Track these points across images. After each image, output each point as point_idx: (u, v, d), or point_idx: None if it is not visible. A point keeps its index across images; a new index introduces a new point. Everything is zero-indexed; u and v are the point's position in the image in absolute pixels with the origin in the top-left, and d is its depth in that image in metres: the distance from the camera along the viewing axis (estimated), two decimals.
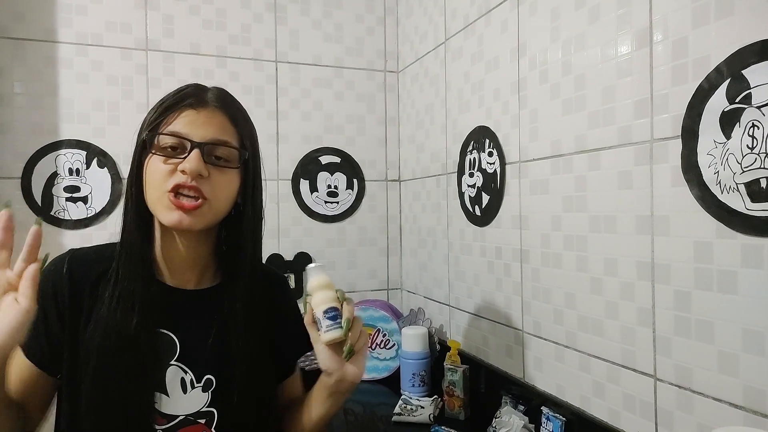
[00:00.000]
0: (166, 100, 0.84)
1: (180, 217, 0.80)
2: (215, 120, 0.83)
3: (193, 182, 0.79)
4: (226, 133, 0.85)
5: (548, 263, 1.26)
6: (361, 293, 2.06)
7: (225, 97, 0.88)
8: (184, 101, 0.82)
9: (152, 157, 0.81)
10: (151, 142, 0.81)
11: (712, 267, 0.88)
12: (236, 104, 0.90)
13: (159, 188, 0.80)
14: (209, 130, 0.82)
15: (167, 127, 0.81)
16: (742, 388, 0.84)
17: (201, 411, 0.85)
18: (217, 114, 0.84)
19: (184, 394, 0.84)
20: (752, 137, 0.81)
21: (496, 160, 1.45)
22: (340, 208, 2.04)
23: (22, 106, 1.66)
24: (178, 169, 0.80)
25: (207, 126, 0.82)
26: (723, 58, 0.85)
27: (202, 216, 0.82)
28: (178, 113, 0.82)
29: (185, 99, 0.83)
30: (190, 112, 0.82)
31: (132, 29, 1.78)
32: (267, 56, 1.95)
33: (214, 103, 0.85)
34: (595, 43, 1.12)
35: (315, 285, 0.84)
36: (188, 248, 0.88)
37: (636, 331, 1.03)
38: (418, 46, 1.95)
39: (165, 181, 0.80)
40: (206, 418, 0.85)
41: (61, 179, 1.69)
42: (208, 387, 0.86)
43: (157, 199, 0.81)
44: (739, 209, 0.83)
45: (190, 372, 0.85)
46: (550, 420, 1.20)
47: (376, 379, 1.81)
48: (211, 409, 0.86)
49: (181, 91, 0.85)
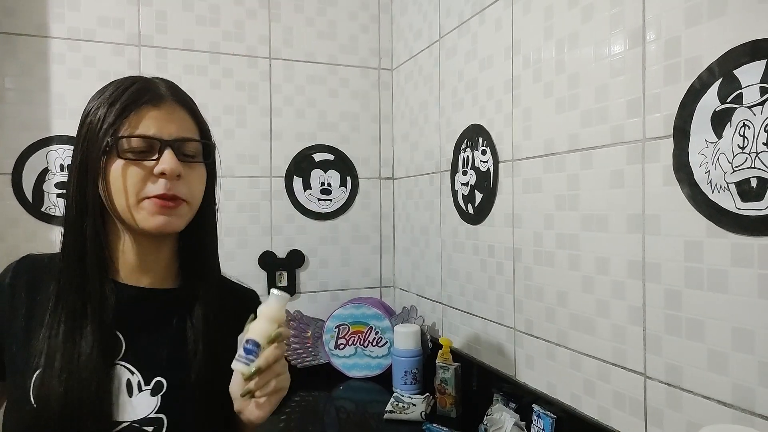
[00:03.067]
0: (118, 98, 0.77)
1: (165, 221, 0.77)
2: (176, 115, 0.80)
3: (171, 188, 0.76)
4: (189, 128, 0.81)
5: (540, 262, 1.26)
6: (354, 291, 2.06)
7: (177, 90, 0.84)
8: (142, 99, 0.77)
9: (117, 161, 0.76)
10: (118, 147, 0.75)
11: (703, 266, 0.89)
12: (188, 96, 0.85)
13: (134, 194, 0.76)
14: (174, 127, 0.78)
15: (133, 130, 0.76)
16: (731, 386, 0.85)
17: (148, 417, 0.77)
18: (177, 108, 0.80)
19: (130, 398, 0.77)
20: (743, 137, 0.82)
21: (489, 159, 1.45)
22: (333, 206, 2.04)
23: (13, 101, 1.64)
24: (154, 171, 0.76)
25: (170, 123, 0.78)
26: (715, 58, 0.86)
27: (184, 216, 0.80)
28: (139, 113, 0.77)
29: (142, 96, 0.78)
30: (151, 109, 0.77)
31: (124, 24, 1.76)
32: (261, 53, 1.94)
33: (171, 98, 0.80)
34: (588, 42, 1.12)
35: (261, 312, 0.77)
36: (150, 248, 0.83)
37: (627, 329, 1.03)
38: (412, 44, 1.95)
39: (141, 186, 0.76)
40: (154, 425, 0.77)
41: (52, 175, 1.67)
42: (157, 390, 0.78)
43: (133, 205, 0.76)
44: (730, 208, 0.84)
45: (138, 373, 0.78)
46: (540, 417, 1.21)
47: (368, 376, 1.82)
48: (160, 416, 0.77)
49: (130, 86, 0.79)
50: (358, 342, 1.83)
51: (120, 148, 0.75)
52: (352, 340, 1.83)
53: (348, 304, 1.88)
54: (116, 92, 0.78)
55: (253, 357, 0.74)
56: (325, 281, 2.02)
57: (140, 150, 0.76)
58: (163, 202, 0.76)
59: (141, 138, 0.76)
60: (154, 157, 0.76)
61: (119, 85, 0.80)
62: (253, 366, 0.73)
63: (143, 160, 0.76)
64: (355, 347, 1.83)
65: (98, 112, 0.78)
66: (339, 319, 1.85)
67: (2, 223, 1.63)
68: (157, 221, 0.77)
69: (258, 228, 1.92)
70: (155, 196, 0.76)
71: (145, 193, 0.76)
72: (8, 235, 1.63)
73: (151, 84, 0.81)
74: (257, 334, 0.75)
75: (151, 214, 0.76)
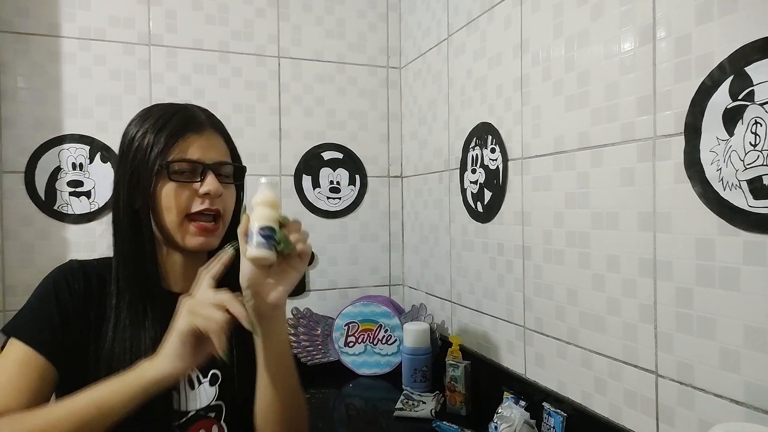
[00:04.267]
0: (165, 125, 0.87)
1: (204, 241, 0.88)
2: (214, 141, 0.90)
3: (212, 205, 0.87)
4: (224, 153, 0.92)
5: (550, 260, 1.26)
6: (363, 289, 2.07)
7: (214, 118, 0.94)
8: (187, 127, 0.88)
9: (167, 182, 0.86)
10: (169, 169, 0.85)
11: (714, 264, 0.88)
12: (222, 123, 0.95)
13: (180, 212, 0.86)
14: (213, 152, 0.89)
15: (182, 155, 0.86)
16: (744, 385, 0.84)
17: (210, 405, 0.89)
18: (215, 135, 0.91)
19: (193, 390, 0.88)
20: (755, 134, 0.81)
21: (498, 157, 1.45)
22: (342, 204, 2.04)
23: (25, 100, 1.66)
24: (200, 192, 0.86)
25: (211, 148, 0.89)
26: (726, 55, 0.85)
27: (219, 236, 0.91)
28: (185, 139, 0.87)
29: (187, 125, 0.88)
30: (195, 136, 0.88)
31: (135, 24, 1.78)
32: (269, 52, 1.95)
33: (210, 126, 0.91)
34: (598, 39, 1.12)
35: (260, 200, 0.78)
36: (190, 260, 0.93)
37: (638, 327, 1.03)
38: (420, 42, 1.95)
39: (187, 204, 0.86)
40: (215, 411, 0.89)
41: (65, 174, 1.69)
42: (214, 381, 0.90)
43: (179, 224, 0.87)
44: (742, 206, 0.83)
45: (196, 369, 0.87)
46: (551, 416, 1.21)
47: (378, 374, 1.82)
48: (219, 403, 0.90)
49: (174, 114, 0.89)
50: (368, 340, 1.84)
51: (170, 171, 0.85)
52: (362, 337, 1.84)
53: (357, 302, 1.88)
54: (162, 119, 0.88)
55: (272, 242, 0.76)
56: (335, 279, 2.03)
57: (186, 172, 0.86)
58: (204, 226, 0.87)
59: (188, 162, 0.86)
60: (198, 179, 0.87)
61: (163, 112, 0.90)
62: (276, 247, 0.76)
63: (189, 182, 0.86)
64: (364, 345, 1.84)
65: (146, 137, 0.86)
66: (348, 317, 1.85)
67: (15, 221, 1.65)
68: (198, 241, 0.88)
69: None
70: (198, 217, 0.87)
71: (190, 210, 0.87)
72: (21, 233, 1.65)
73: (193, 112, 0.91)
74: (267, 221, 0.77)
75: (194, 235, 0.87)
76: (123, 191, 0.87)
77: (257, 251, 0.76)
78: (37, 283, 0.88)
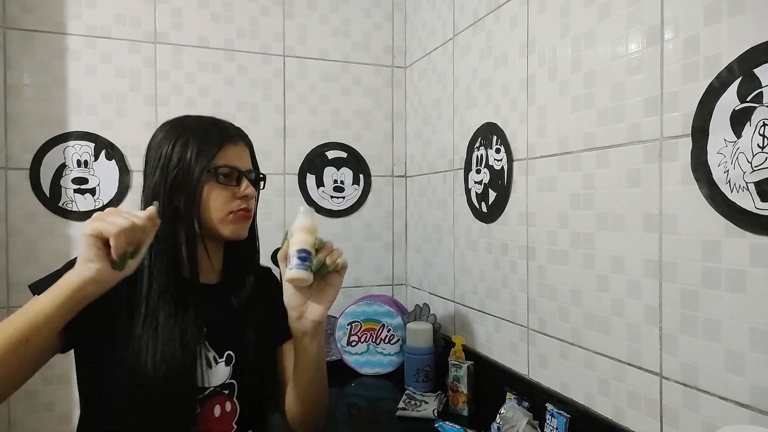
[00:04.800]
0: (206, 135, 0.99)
1: (242, 228, 1.02)
2: (245, 152, 1.04)
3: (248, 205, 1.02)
4: (250, 162, 1.06)
5: (555, 260, 1.26)
6: (366, 288, 2.07)
7: (242, 131, 1.07)
8: (227, 138, 1.00)
9: (213, 184, 0.98)
10: (217, 174, 0.98)
11: (720, 266, 0.88)
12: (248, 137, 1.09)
13: (223, 209, 0.99)
14: (244, 161, 1.03)
15: (223, 161, 0.98)
16: (749, 387, 0.84)
17: (225, 383, 0.99)
18: (244, 147, 1.04)
19: (211, 369, 0.98)
20: (763, 136, 0.81)
21: (503, 157, 1.45)
22: (346, 203, 2.04)
23: (31, 97, 1.66)
24: (237, 194, 1.00)
25: (243, 157, 1.03)
26: (734, 57, 0.85)
27: (248, 226, 1.04)
28: (226, 149, 0.99)
29: (226, 136, 1.01)
30: (232, 146, 1.01)
31: (141, 22, 1.78)
32: (275, 50, 1.95)
33: (241, 139, 1.04)
34: (604, 40, 1.12)
35: (298, 227, 0.90)
36: (215, 253, 1.06)
37: (642, 328, 1.03)
38: (426, 42, 1.95)
39: (228, 203, 0.99)
40: (229, 389, 0.99)
41: (70, 171, 1.69)
42: (229, 362, 1.00)
43: (222, 218, 0.99)
44: (749, 208, 0.83)
45: (213, 350, 0.99)
46: (554, 416, 1.21)
47: (381, 374, 1.82)
48: (232, 381, 1.00)
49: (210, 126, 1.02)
50: (371, 339, 1.84)
51: (218, 174, 0.98)
52: (365, 337, 1.84)
53: (360, 302, 1.88)
54: (201, 131, 0.99)
55: (308, 263, 0.88)
56: None
57: (227, 176, 0.99)
58: (245, 213, 1.01)
59: (231, 168, 0.99)
60: (234, 183, 1.00)
61: (198, 124, 1.02)
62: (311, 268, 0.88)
63: (229, 185, 0.99)
64: (367, 344, 1.84)
65: (189, 146, 0.97)
66: (351, 316, 1.85)
67: (20, 218, 1.65)
68: (236, 228, 1.01)
69: (271, 224, 1.93)
70: (240, 210, 1.00)
71: (230, 208, 0.99)
72: (26, 229, 1.66)
73: (225, 126, 1.04)
74: (302, 244, 0.88)
75: (235, 223, 1.00)
76: (163, 193, 0.96)
77: (294, 273, 0.87)
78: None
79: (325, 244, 0.91)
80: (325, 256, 0.90)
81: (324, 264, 0.90)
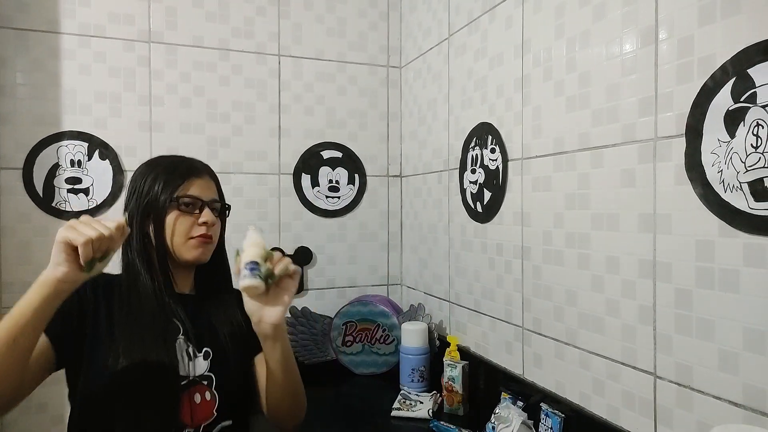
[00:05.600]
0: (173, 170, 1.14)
1: (202, 253, 1.14)
2: (208, 184, 1.18)
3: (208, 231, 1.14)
4: (214, 193, 1.19)
5: (549, 260, 1.26)
6: (361, 288, 2.07)
7: (209, 168, 1.22)
8: (191, 172, 1.15)
9: (174, 212, 1.12)
10: (178, 202, 1.12)
11: (714, 266, 0.88)
12: (214, 172, 1.23)
13: (185, 235, 1.12)
14: (208, 192, 1.17)
15: (186, 192, 1.13)
16: (742, 387, 0.84)
17: (204, 374, 1.11)
18: (208, 179, 1.19)
19: (190, 361, 1.10)
20: (756, 136, 0.81)
21: (498, 157, 1.45)
22: (341, 203, 2.04)
23: (24, 96, 1.65)
24: (199, 221, 1.13)
25: (207, 189, 1.17)
26: (728, 57, 0.85)
27: (210, 251, 1.17)
28: (189, 181, 1.14)
29: (191, 171, 1.15)
30: (197, 179, 1.15)
31: (135, 21, 1.77)
32: (270, 50, 1.94)
33: (206, 173, 1.19)
34: (599, 40, 1.12)
35: (246, 243, 0.98)
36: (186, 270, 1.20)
37: (637, 328, 1.03)
38: (421, 42, 1.95)
39: (189, 229, 1.13)
40: (207, 380, 1.11)
41: (63, 170, 1.69)
42: (207, 357, 1.13)
43: (183, 243, 1.13)
44: (742, 208, 0.83)
45: (191, 345, 1.11)
46: (548, 416, 1.21)
47: (376, 374, 1.82)
48: (210, 374, 1.11)
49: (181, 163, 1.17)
50: (366, 339, 1.84)
51: (179, 203, 1.12)
52: (360, 337, 1.84)
53: (355, 302, 1.88)
54: (171, 166, 1.15)
55: (256, 272, 0.95)
56: (333, 278, 2.03)
57: (190, 204, 1.13)
58: (204, 239, 1.14)
59: (191, 197, 1.13)
60: (196, 212, 1.14)
61: (171, 161, 1.18)
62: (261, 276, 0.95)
63: (191, 213, 1.13)
64: (362, 344, 1.84)
65: (159, 178, 1.13)
66: (346, 317, 1.85)
67: (13, 218, 1.64)
68: (197, 253, 1.14)
69: (266, 225, 1.93)
70: (199, 236, 1.13)
71: (191, 234, 1.13)
72: (19, 229, 1.65)
73: (194, 163, 1.19)
74: (251, 257, 0.95)
75: (195, 248, 1.13)
76: (136, 219, 1.12)
77: (245, 281, 0.94)
78: (35, 280, 0.90)
79: (272, 254, 0.99)
80: (273, 264, 0.98)
81: (272, 272, 0.97)
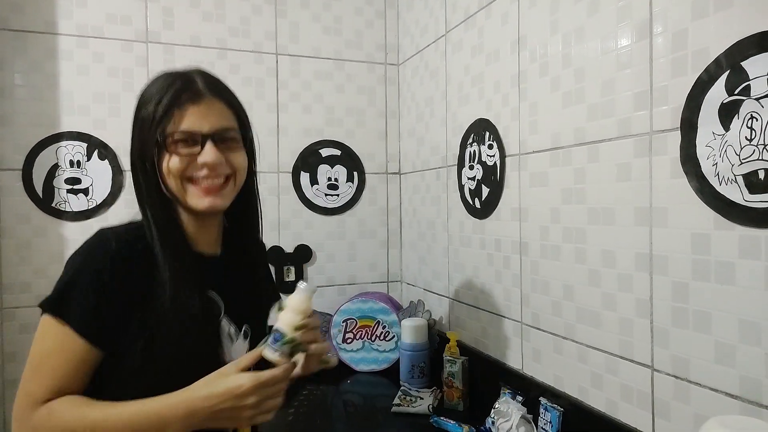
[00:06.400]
0: (162, 96, 0.87)
1: (212, 202, 0.89)
2: (214, 108, 0.89)
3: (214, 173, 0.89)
4: (227, 119, 0.91)
5: (547, 255, 1.27)
6: (361, 285, 2.07)
7: (214, 83, 0.93)
8: (181, 98, 0.87)
9: (165, 152, 0.87)
10: (165, 142, 0.87)
11: (710, 258, 0.89)
12: (225, 87, 0.95)
13: (181, 178, 0.88)
14: (213, 120, 0.89)
15: (177, 126, 0.86)
16: (739, 378, 0.85)
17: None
18: (214, 102, 0.90)
19: (232, 344, 0.95)
20: (751, 129, 0.81)
21: (495, 153, 1.46)
22: (340, 201, 2.04)
23: (22, 98, 1.66)
24: (198, 161, 0.87)
25: (210, 116, 0.88)
26: (722, 50, 0.86)
27: (228, 195, 0.93)
28: (181, 110, 0.87)
29: (182, 95, 0.87)
30: (191, 106, 0.87)
31: (132, 21, 1.77)
32: (267, 48, 1.95)
33: (209, 93, 0.90)
34: (594, 35, 1.12)
35: (287, 304, 0.88)
36: (211, 222, 0.97)
37: (634, 322, 1.03)
38: (418, 39, 1.95)
39: (185, 172, 0.88)
40: None
41: (62, 171, 1.69)
42: (246, 336, 0.98)
43: (181, 189, 0.89)
44: (738, 201, 0.84)
45: (233, 324, 0.95)
46: (548, 410, 1.21)
47: (376, 370, 1.83)
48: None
49: (172, 83, 0.89)
50: (366, 336, 1.84)
51: (167, 144, 0.87)
52: (360, 334, 1.84)
53: (355, 299, 1.89)
54: (161, 91, 0.88)
55: (277, 344, 0.86)
56: (332, 276, 2.03)
57: (184, 141, 0.87)
58: (209, 187, 0.89)
59: (183, 133, 0.87)
60: (198, 147, 0.88)
61: (164, 81, 0.90)
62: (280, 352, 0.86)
63: (189, 150, 0.87)
64: (362, 341, 1.84)
65: (148, 107, 0.88)
66: (346, 314, 1.86)
67: (13, 219, 1.65)
68: (205, 203, 0.89)
69: (265, 223, 1.90)
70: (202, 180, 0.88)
71: (190, 175, 0.88)
72: (19, 230, 1.65)
73: (190, 82, 0.90)
74: (283, 324, 0.86)
75: (198, 197, 0.89)
76: (138, 165, 0.90)
77: (265, 351, 0.86)
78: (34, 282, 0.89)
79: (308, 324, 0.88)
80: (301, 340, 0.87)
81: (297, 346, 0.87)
